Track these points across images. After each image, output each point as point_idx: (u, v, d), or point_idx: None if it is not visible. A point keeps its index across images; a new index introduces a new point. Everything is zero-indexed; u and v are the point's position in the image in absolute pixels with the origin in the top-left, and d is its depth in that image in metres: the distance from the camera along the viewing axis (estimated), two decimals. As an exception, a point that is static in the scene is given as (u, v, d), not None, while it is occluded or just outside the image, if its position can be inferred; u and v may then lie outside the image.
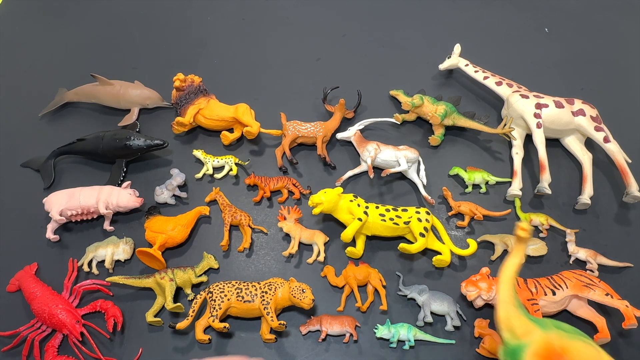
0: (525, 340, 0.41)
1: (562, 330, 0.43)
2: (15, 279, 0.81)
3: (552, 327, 0.43)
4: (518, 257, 0.42)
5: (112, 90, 1.03)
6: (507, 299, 0.42)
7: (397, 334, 0.73)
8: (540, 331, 0.42)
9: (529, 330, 0.41)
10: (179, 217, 0.85)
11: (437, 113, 0.96)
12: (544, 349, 0.41)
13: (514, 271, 0.42)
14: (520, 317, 0.42)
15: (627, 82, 1.13)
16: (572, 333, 0.44)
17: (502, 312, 0.42)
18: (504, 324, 0.42)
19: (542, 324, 0.43)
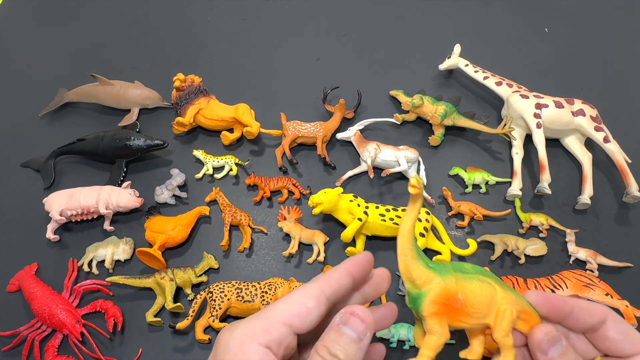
0: (424, 288, 0.43)
1: (461, 272, 0.44)
2: (15, 279, 0.81)
3: (452, 271, 0.44)
4: (414, 212, 0.43)
5: (112, 90, 1.03)
6: (405, 252, 0.43)
7: (397, 334, 0.73)
8: (439, 278, 0.43)
9: (427, 278, 0.43)
10: (179, 217, 0.85)
11: (437, 113, 0.96)
12: (440, 295, 0.43)
13: (410, 224, 0.43)
14: (418, 267, 0.43)
15: (627, 82, 1.13)
16: (470, 273, 0.45)
17: (402, 264, 0.43)
18: (404, 275, 0.43)
19: (442, 270, 0.44)
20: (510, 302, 0.45)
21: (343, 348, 0.37)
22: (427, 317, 0.43)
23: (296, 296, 0.40)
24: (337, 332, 0.38)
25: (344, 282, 0.43)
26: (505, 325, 0.45)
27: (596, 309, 0.45)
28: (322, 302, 0.40)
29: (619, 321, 0.45)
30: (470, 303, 0.44)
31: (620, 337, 0.44)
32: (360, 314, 0.39)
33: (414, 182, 0.41)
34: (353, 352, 0.37)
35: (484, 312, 0.45)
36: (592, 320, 0.45)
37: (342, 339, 0.38)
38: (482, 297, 0.44)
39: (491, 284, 0.45)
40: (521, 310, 0.46)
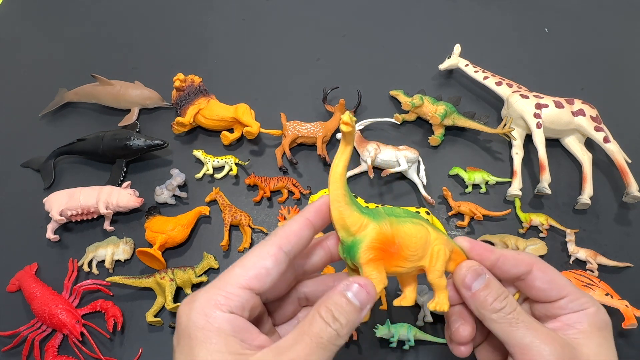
0: (359, 235, 0.41)
1: (394, 216, 0.43)
2: (15, 279, 0.81)
3: (385, 215, 0.43)
4: (346, 154, 0.42)
5: (112, 90, 1.03)
6: (337, 198, 0.42)
7: (397, 334, 0.73)
8: (374, 223, 0.42)
9: (362, 224, 0.41)
10: (179, 217, 0.85)
11: (437, 113, 0.96)
12: (377, 240, 0.41)
13: (342, 168, 0.41)
14: (352, 214, 0.41)
15: (627, 82, 1.13)
16: (403, 216, 0.44)
17: (335, 212, 0.42)
18: (338, 223, 0.42)
19: (376, 215, 0.42)
20: (443, 242, 0.45)
21: (347, 314, 0.37)
22: (364, 264, 0.42)
23: (253, 257, 0.40)
24: (341, 296, 0.38)
25: (304, 234, 0.42)
26: (440, 266, 0.45)
27: (522, 259, 0.46)
28: (281, 260, 0.40)
29: (545, 269, 0.46)
30: (406, 245, 0.43)
31: (546, 286, 0.45)
32: (363, 282, 0.39)
33: (347, 118, 0.39)
34: (353, 320, 0.38)
35: (420, 254, 0.44)
36: (518, 270, 0.46)
37: (348, 306, 0.38)
38: (417, 238, 0.44)
39: (423, 225, 0.45)
40: (452, 251, 0.47)
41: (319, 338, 0.36)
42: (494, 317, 0.43)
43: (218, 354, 0.35)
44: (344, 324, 0.37)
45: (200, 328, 0.36)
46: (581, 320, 0.43)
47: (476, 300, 0.44)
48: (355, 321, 0.38)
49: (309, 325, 0.37)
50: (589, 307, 0.44)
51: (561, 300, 0.44)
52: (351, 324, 0.38)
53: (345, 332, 0.37)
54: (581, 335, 0.42)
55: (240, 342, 0.36)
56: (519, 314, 0.43)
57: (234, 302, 0.37)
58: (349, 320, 0.38)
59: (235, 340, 0.36)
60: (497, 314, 0.43)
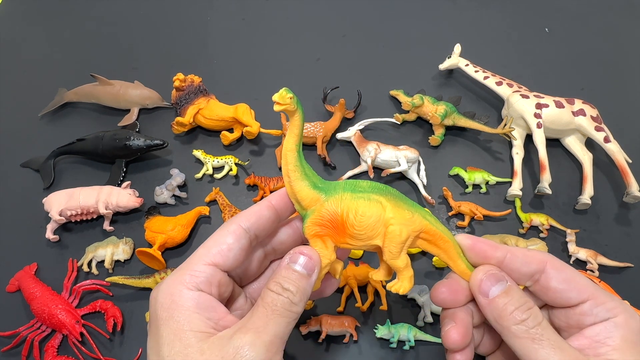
0: (309, 210, 0.42)
1: (351, 191, 0.42)
2: (14, 279, 0.81)
3: (341, 190, 0.42)
4: (292, 130, 0.43)
5: (111, 90, 1.03)
6: (287, 174, 0.43)
7: (397, 334, 0.73)
8: (324, 198, 0.42)
9: (313, 199, 0.42)
10: (179, 217, 0.85)
11: (437, 113, 0.96)
12: (320, 216, 0.41)
13: (291, 144, 0.43)
14: (303, 188, 0.42)
15: (627, 82, 1.13)
16: (363, 192, 0.42)
17: (287, 186, 0.43)
18: (291, 197, 0.43)
19: (329, 190, 0.42)
20: (400, 222, 0.42)
21: (294, 282, 0.39)
22: (309, 238, 0.42)
23: (215, 236, 0.41)
24: (287, 269, 0.40)
25: (263, 213, 0.43)
26: (393, 247, 0.42)
27: (533, 256, 0.41)
28: (241, 235, 0.41)
29: (561, 267, 0.40)
30: (351, 224, 0.42)
31: (563, 286, 0.40)
32: (307, 252, 0.41)
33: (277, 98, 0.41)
34: (303, 286, 0.39)
35: (369, 234, 0.42)
36: (529, 269, 0.41)
37: (293, 275, 0.39)
38: (366, 217, 0.42)
39: (381, 202, 0.42)
40: (421, 230, 0.43)
41: (273, 306, 0.37)
42: (514, 329, 0.38)
43: (180, 332, 0.35)
44: (294, 291, 0.38)
45: (166, 308, 0.36)
46: (611, 333, 0.37)
47: (494, 308, 0.39)
48: (305, 287, 0.39)
49: (262, 299, 0.38)
50: (619, 315, 0.38)
51: (583, 305, 0.39)
52: (302, 290, 0.39)
53: (297, 298, 0.38)
54: (615, 355, 0.36)
55: (205, 319, 0.36)
56: (544, 330, 0.37)
57: (199, 279, 0.38)
58: (298, 287, 0.39)
59: (199, 317, 0.36)
60: (518, 327, 0.38)
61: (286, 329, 0.37)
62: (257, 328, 0.36)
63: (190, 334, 0.35)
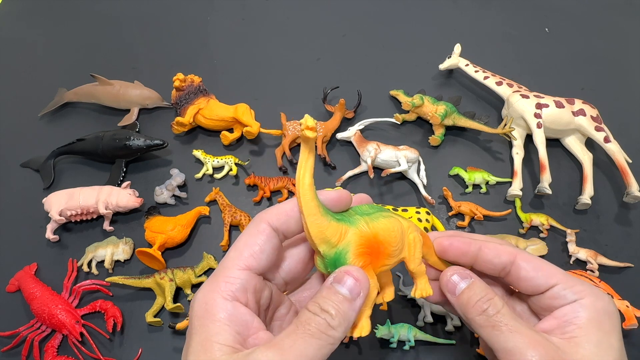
0: (341, 245, 0.39)
1: (365, 214, 0.41)
2: (14, 279, 0.81)
3: (358, 216, 0.41)
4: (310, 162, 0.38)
5: (111, 90, 1.03)
6: (312, 212, 0.38)
7: (397, 334, 0.73)
8: (352, 228, 0.39)
9: (342, 232, 0.39)
10: (179, 217, 0.85)
11: (437, 113, 0.96)
12: (361, 244, 0.39)
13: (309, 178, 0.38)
14: (330, 224, 0.38)
15: (627, 82, 1.13)
16: (373, 212, 0.42)
17: (312, 226, 0.38)
18: (317, 238, 0.38)
19: (350, 219, 0.40)
20: (415, 229, 0.44)
21: (335, 305, 0.36)
22: None
23: (245, 238, 0.39)
24: (329, 290, 0.37)
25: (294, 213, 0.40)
26: (418, 253, 0.44)
27: (504, 249, 0.44)
28: (271, 235, 0.39)
29: (529, 258, 0.43)
30: (388, 242, 0.41)
31: (532, 274, 0.42)
32: (354, 273, 0.38)
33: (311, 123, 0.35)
34: (345, 310, 0.36)
35: (400, 247, 0.42)
36: (500, 260, 0.44)
37: (335, 296, 0.37)
38: (395, 231, 0.41)
39: (393, 216, 0.43)
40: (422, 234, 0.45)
41: (307, 325, 0.35)
42: (478, 320, 0.41)
43: (207, 343, 0.34)
44: (334, 314, 0.36)
45: (199, 317, 0.35)
46: (578, 313, 0.39)
47: (461, 303, 0.42)
48: (346, 312, 0.36)
49: (297, 318, 0.36)
50: (586, 296, 0.40)
51: (553, 289, 0.41)
52: (342, 314, 0.36)
53: (336, 322, 0.35)
54: (579, 333, 0.38)
55: (234, 333, 0.34)
56: (502, 316, 0.40)
57: (235, 286, 0.36)
58: (339, 310, 0.36)
59: (229, 330, 0.34)
60: (480, 317, 0.40)
61: (318, 352, 0.34)
62: (282, 346, 0.33)
63: (216, 346, 0.33)
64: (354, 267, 0.38)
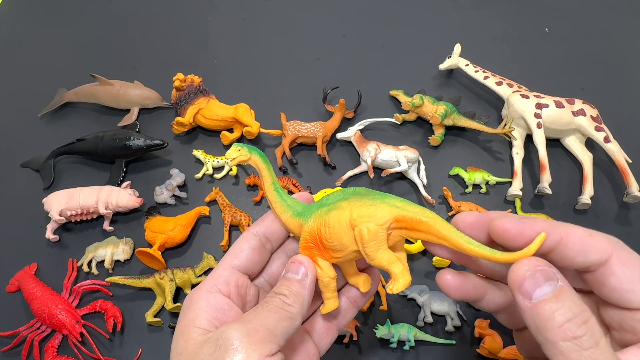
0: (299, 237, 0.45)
1: (324, 206, 0.42)
2: (14, 279, 0.81)
3: (316, 208, 0.43)
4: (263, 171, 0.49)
5: (111, 90, 1.03)
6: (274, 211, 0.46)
7: (397, 334, 0.73)
8: (305, 223, 0.43)
9: (297, 226, 0.44)
10: (179, 217, 0.85)
11: (437, 113, 0.96)
12: (305, 238, 0.43)
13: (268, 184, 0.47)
14: (289, 220, 0.45)
15: (627, 82, 1.13)
16: (331, 203, 0.41)
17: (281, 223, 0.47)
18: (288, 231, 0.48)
19: (307, 213, 0.43)
20: (364, 220, 0.38)
21: (287, 287, 0.41)
22: None
23: (233, 245, 0.46)
24: (282, 278, 0.43)
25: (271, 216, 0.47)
26: (367, 248, 0.37)
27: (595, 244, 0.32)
28: (250, 237, 0.45)
29: (629, 262, 0.31)
30: (325, 238, 0.40)
31: (627, 286, 0.31)
32: (299, 258, 0.43)
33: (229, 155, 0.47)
34: (297, 290, 0.41)
35: (343, 242, 0.39)
36: (586, 259, 0.32)
37: (287, 281, 0.42)
38: (335, 227, 0.40)
39: (344, 207, 0.40)
40: (390, 220, 0.38)
41: (267, 305, 0.39)
42: (563, 347, 0.29)
43: (186, 328, 0.39)
44: (287, 294, 0.40)
45: (184, 308, 0.41)
46: None
47: (538, 315, 0.30)
48: (298, 290, 0.41)
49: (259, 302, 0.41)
50: None
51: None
52: (295, 292, 0.40)
53: (290, 300, 0.40)
54: None
55: (211, 318, 0.39)
56: (601, 353, 0.28)
57: (219, 280, 0.42)
58: (291, 290, 0.41)
59: (205, 315, 0.39)
60: (567, 344, 0.28)
61: (278, 323, 0.38)
62: (245, 319, 0.38)
63: (193, 329, 0.38)
64: (299, 255, 0.43)
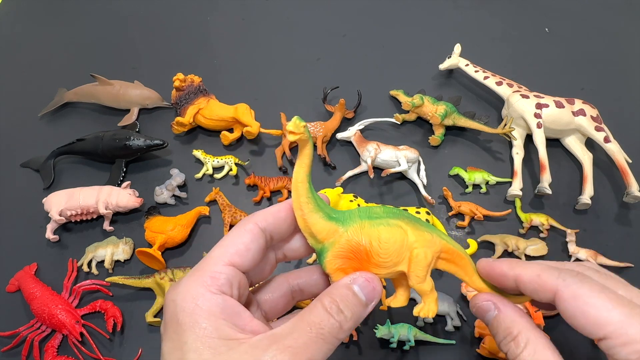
0: (327, 242, 0.40)
1: (368, 218, 0.41)
2: (14, 279, 0.81)
3: (358, 219, 0.40)
4: (302, 159, 0.40)
5: (111, 90, 1.03)
6: (299, 207, 0.40)
7: (397, 334, 0.73)
8: (342, 229, 0.40)
9: (330, 231, 0.40)
10: (179, 217, 0.85)
11: (437, 113, 0.96)
12: (342, 248, 0.39)
13: (303, 175, 0.40)
14: (318, 221, 0.40)
15: (627, 82, 1.13)
16: (380, 218, 0.41)
17: (299, 220, 0.40)
18: (304, 231, 0.41)
19: (346, 220, 0.40)
20: (424, 244, 0.41)
21: (353, 307, 0.36)
22: (332, 273, 0.40)
23: (232, 235, 0.39)
24: (348, 290, 0.37)
25: (281, 215, 0.40)
26: (420, 271, 0.41)
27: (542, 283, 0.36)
28: (258, 235, 0.39)
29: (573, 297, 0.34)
30: (376, 252, 0.40)
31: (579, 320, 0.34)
32: (373, 280, 0.38)
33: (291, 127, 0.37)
34: (359, 315, 0.36)
35: (394, 260, 0.40)
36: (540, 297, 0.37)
37: (353, 298, 0.36)
38: (390, 243, 0.40)
39: (401, 226, 0.41)
40: (441, 250, 0.42)
41: (320, 328, 0.33)
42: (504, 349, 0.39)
43: (208, 339, 0.32)
44: (349, 317, 0.35)
45: (189, 313, 0.34)
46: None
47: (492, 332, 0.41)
48: (360, 315, 0.36)
49: (309, 313, 0.35)
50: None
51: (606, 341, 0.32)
52: (356, 317, 0.36)
53: (348, 326, 0.35)
54: None
55: (232, 325, 0.34)
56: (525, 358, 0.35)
57: (221, 280, 0.36)
58: (354, 314, 0.36)
59: (226, 324, 0.33)
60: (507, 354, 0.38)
61: (325, 356, 0.33)
62: (296, 349, 0.32)
63: (219, 342, 0.32)
64: (371, 274, 0.39)
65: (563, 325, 0.75)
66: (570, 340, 0.74)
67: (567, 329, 0.36)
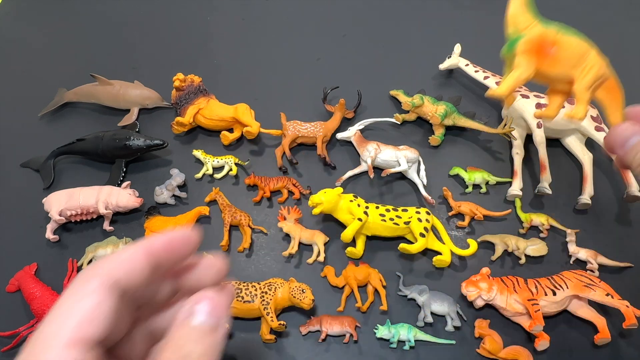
0: (525, 31, 0.50)
1: (563, 28, 0.50)
2: (14, 279, 0.81)
3: (555, 25, 0.50)
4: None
5: (111, 90, 1.03)
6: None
7: (397, 334, 0.73)
8: (540, 26, 0.49)
9: (531, 25, 0.50)
10: (179, 217, 0.85)
11: (437, 113, 0.96)
12: (538, 37, 0.49)
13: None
14: (525, 14, 0.51)
15: (627, 82, 1.12)
16: (570, 31, 0.50)
17: (512, 7, 0.52)
18: (511, 19, 0.52)
19: (546, 22, 0.50)
20: (600, 65, 0.50)
21: (196, 344, 0.29)
22: (519, 53, 0.50)
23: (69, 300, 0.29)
24: (186, 327, 0.29)
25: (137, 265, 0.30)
26: (589, 79, 0.50)
27: None
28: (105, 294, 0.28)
29: None
30: (564, 48, 0.48)
31: None
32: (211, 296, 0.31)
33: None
34: (211, 343, 0.29)
35: (573, 62, 0.49)
36: None
37: (196, 333, 0.29)
38: (577, 48, 0.49)
39: (589, 44, 0.50)
40: (607, 79, 0.52)
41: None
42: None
43: None
44: (202, 353, 0.28)
45: None
46: None
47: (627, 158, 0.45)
48: (214, 343, 0.29)
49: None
50: None
51: None
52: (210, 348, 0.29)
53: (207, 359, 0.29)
54: None
55: None
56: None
57: None
58: (207, 347, 0.29)
59: None
60: None
61: None
62: None
63: None
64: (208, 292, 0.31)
65: (563, 325, 0.75)
66: (571, 340, 0.74)
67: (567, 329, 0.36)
